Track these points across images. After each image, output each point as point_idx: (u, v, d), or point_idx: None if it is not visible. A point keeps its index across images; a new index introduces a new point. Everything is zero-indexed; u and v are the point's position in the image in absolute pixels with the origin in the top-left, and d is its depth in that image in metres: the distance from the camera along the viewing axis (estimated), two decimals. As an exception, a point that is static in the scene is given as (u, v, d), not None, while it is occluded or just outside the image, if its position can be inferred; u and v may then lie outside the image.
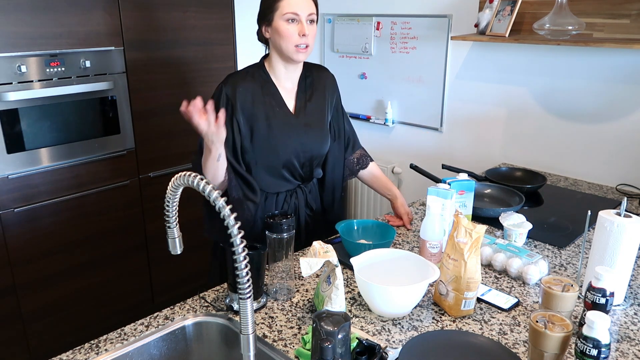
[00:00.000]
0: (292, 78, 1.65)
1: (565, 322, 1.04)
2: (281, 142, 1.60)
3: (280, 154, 1.61)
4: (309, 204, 1.74)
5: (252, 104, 1.58)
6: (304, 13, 1.51)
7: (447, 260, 1.26)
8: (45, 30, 2.15)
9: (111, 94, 2.39)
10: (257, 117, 1.58)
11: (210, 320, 1.28)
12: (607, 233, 1.26)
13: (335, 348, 0.92)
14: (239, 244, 0.91)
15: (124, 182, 2.51)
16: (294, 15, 1.50)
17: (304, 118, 1.65)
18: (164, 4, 2.49)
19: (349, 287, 1.40)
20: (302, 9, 1.50)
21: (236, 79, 1.59)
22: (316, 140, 1.67)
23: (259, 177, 1.63)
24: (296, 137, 1.62)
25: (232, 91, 1.56)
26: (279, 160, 1.62)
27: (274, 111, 1.60)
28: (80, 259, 2.44)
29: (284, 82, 1.63)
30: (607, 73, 2.18)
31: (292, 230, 1.32)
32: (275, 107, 1.61)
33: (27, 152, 2.19)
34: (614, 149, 2.23)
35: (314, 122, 1.67)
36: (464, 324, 1.24)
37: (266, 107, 1.59)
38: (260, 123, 1.58)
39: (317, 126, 1.68)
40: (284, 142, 1.60)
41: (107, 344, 1.18)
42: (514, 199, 1.94)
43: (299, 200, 1.71)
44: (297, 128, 1.63)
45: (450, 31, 2.63)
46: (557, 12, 2.06)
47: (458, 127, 2.74)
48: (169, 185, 0.98)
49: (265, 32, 1.57)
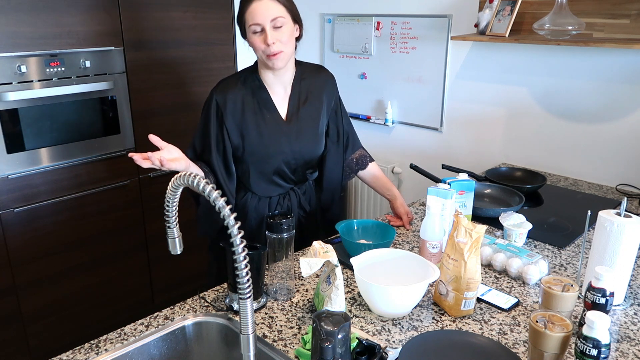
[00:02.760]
0: (283, 82, 1.63)
1: (565, 322, 1.04)
2: (272, 150, 1.60)
3: (271, 161, 1.61)
4: (302, 206, 1.74)
5: (242, 112, 1.58)
6: (266, 21, 1.46)
7: (447, 260, 1.26)
8: (45, 30, 2.15)
9: (111, 94, 2.39)
10: (247, 124, 1.58)
11: (210, 320, 1.28)
12: (607, 233, 1.26)
13: (335, 348, 0.92)
14: (239, 244, 0.91)
15: (124, 182, 2.51)
16: (257, 26, 1.47)
17: (296, 124, 1.63)
18: (164, 4, 2.49)
19: (349, 287, 1.40)
20: (262, 18, 1.46)
21: (227, 85, 1.59)
22: (308, 146, 1.66)
23: (251, 181, 1.64)
24: (287, 144, 1.61)
25: (223, 99, 1.57)
26: (270, 167, 1.62)
27: (264, 118, 1.60)
28: (80, 259, 2.44)
29: (275, 88, 1.62)
30: (607, 73, 2.18)
31: (292, 230, 1.32)
32: (266, 115, 1.60)
33: (27, 152, 2.19)
34: (614, 149, 2.23)
35: (307, 127, 1.65)
36: (464, 324, 1.24)
37: (256, 115, 1.59)
38: (250, 131, 1.58)
39: (310, 131, 1.66)
40: (274, 150, 1.60)
41: (107, 344, 1.18)
42: (514, 199, 1.94)
43: (292, 202, 1.71)
44: (288, 135, 1.62)
45: (450, 31, 2.63)
46: (557, 12, 2.06)
47: (458, 127, 2.74)
48: (169, 185, 0.98)
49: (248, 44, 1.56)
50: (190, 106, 2.70)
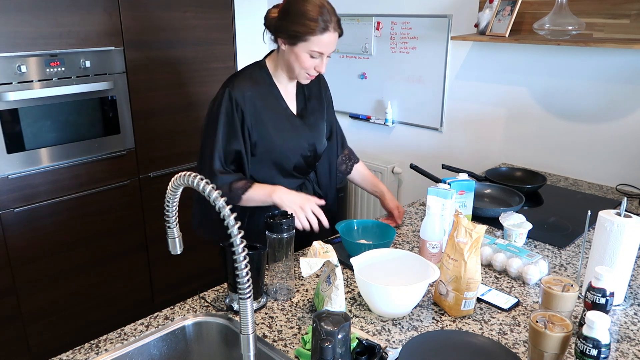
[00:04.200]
0: (293, 82, 1.68)
1: (565, 322, 1.04)
2: (291, 146, 1.63)
3: (290, 157, 1.64)
4: (317, 192, 1.79)
5: (260, 110, 1.58)
6: (328, 52, 1.52)
7: (447, 260, 1.26)
8: (45, 30, 2.15)
9: (111, 94, 2.39)
10: (264, 122, 1.59)
11: (210, 320, 1.28)
12: (607, 233, 1.26)
13: (335, 348, 0.92)
14: (239, 244, 0.91)
15: (124, 182, 2.51)
16: (318, 54, 1.51)
17: (306, 119, 1.68)
18: (164, 3, 2.49)
19: (349, 287, 1.40)
20: (327, 50, 1.52)
21: (243, 82, 1.58)
22: (320, 139, 1.72)
23: (270, 176, 1.65)
24: (304, 139, 1.66)
25: (241, 96, 1.55)
26: (289, 163, 1.65)
27: (280, 115, 1.62)
28: (80, 259, 2.44)
29: (286, 85, 1.66)
30: (607, 73, 2.18)
31: (292, 230, 1.32)
32: (281, 112, 1.63)
33: (27, 152, 2.19)
34: (614, 149, 2.23)
35: (315, 122, 1.71)
36: (464, 324, 1.24)
37: (272, 112, 1.61)
38: (268, 129, 1.59)
39: (320, 125, 1.72)
40: (294, 145, 1.64)
41: (107, 344, 1.18)
42: (514, 199, 1.94)
43: (308, 191, 1.75)
44: (303, 130, 1.66)
45: (450, 31, 2.63)
46: (557, 12, 2.06)
47: (458, 127, 2.74)
48: (169, 185, 0.98)
49: (281, 43, 1.54)
50: (190, 106, 2.70)
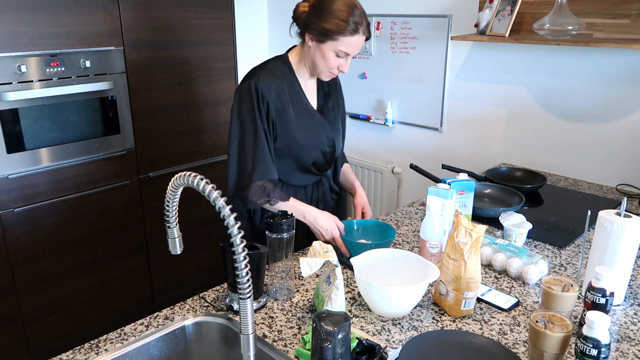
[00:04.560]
0: (313, 78, 1.69)
1: (565, 322, 1.04)
2: (312, 141, 1.65)
3: (311, 153, 1.66)
4: (333, 188, 1.82)
5: (283, 104, 1.59)
6: (354, 53, 1.54)
7: (447, 260, 1.26)
8: (45, 30, 2.15)
9: (111, 94, 2.39)
10: (287, 117, 1.59)
11: (210, 320, 1.28)
12: (607, 233, 1.26)
13: (335, 348, 0.92)
14: (239, 244, 0.91)
15: (124, 182, 2.51)
16: (345, 53, 1.53)
17: (326, 115, 1.70)
18: (164, 3, 2.49)
19: (349, 287, 1.40)
20: (354, 51, 1.53)
21: (266, 76, 1.57)
22: (338, 136, 1.74)
23: (288, 171, 1.66)
24: (324, 135, 1.68)
25: (267, 89, 1.55)
26: (309, 158, 1.66)
27: (302, 110, 1.63)
28: (80, 259, 2.44)
29: (306, 81, 1.67)
30: (607, 73, 2.18)
31: (292, 230, 1.32)
32: (302, 107, 1.63)
33: (27, 152, 2.19)
34: (614, 149, 2.23)
35: (335, 118, 1.73)
36: (464, 324, 1.24)
37: (296, 107, 1.61)
38: (290, 123, 1.60)
39: (337, 122, 1.75)
40: (314, 141, 1.65)
41: (107, 344, 1.18)
42: (514, 199, 1.94)
43: (324, 187, 1.77)
44: (324, 125, 1.68)
45: (450, 31, 2.63)
46: (557, 12, 2.06)
47: (458, 127, 2.74)
48: (169, 185, 0.98)
49: (308, 39, 1.54)
50: (190, 106, 2.70)
